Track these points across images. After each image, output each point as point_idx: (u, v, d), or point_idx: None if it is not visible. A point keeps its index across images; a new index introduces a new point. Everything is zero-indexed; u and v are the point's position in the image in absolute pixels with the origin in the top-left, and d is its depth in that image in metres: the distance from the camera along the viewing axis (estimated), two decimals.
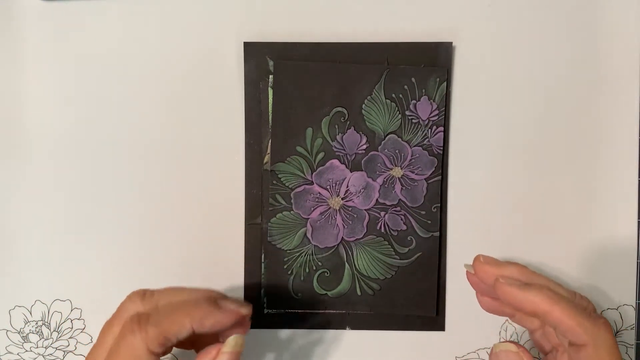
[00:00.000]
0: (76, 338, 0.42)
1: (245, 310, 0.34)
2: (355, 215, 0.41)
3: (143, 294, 0.34)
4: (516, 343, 0.35)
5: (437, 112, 0.40)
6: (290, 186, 0.41)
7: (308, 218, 0.41)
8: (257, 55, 0.40)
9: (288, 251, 0.41)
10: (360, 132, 0.40)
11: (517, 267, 0.36)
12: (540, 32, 0.41)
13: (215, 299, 0.34)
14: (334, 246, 0.41)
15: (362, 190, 0.41)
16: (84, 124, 0.41)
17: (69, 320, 0.41)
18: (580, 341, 0.32)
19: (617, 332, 0.41)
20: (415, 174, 0.40)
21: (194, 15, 0.41)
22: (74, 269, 0.41)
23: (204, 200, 0.41)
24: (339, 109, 0.40)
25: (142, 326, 0.32)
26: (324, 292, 0.41)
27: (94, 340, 0.41)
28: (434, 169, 0.40)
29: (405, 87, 0.40)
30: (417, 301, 0.41)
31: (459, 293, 0.41)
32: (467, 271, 0.38)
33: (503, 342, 0.35)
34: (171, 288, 0.35)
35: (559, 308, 0.32)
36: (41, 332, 0.41)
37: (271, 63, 0.40)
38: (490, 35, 0.41)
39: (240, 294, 0.41)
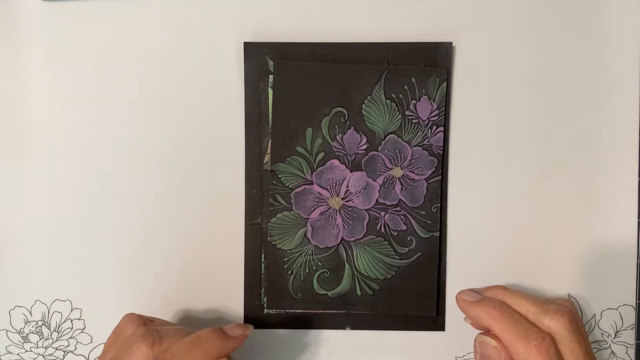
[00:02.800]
0: (76, 338, 0.42)
1: (249, 331, 0.37)
2: (355, 215, 0.41)
3: (152, 343, 0.33)
4: (499, 339, 0.35)
5: (437, 112, 0.40)
6: (290, 186, 0.41)
7: (308, 218, 0.41)
8: (257, 55, 0.40)
9: (288, 251, 0.41)
10: (360, 132, 0.40)
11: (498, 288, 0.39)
12: (540, 32, 0.41)
13: (220, 328, 0.36)
14: (334, 246, 0.41)
15: (362, 190, 0.41)
16: (83, 124, 0.41)
17: (69, 320, 0.41)
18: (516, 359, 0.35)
19: (617, 332, 0.41)
20: (415, 174, 0.40)
21: (194, 16, 0.41)
22: (74, 269, 0.41)
23: (204, 200, 0.41)
24: (339, 109, 0.40)
25: None
26: (324, 292, 0.41)
27: (94, 340, 0.41)
28: (434, 169, 0.40)
29: (405, 87, 0.40)
30: (417, 301, 0.41)
31: None
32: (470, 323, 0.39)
33: (487, 335, 0.36)
34: (173, 329, 0.36)
35: (499, 327, 0.35)
36: (41, 332, 0.41)
37: (271, 63, 0.40)
38: (490, 35, 0.41)
39: (240, 294, 0.41)
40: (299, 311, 0.41)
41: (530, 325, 0.35)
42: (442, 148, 0.40)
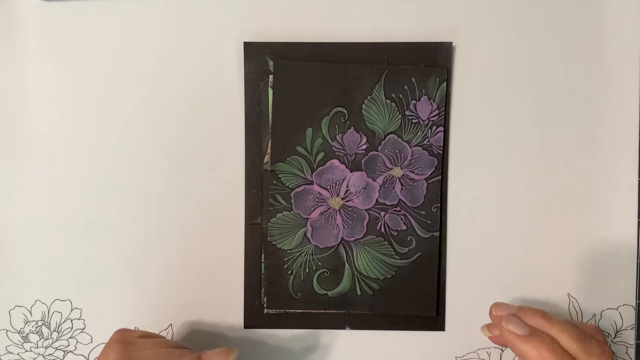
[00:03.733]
0: (76, 338, 0.42)
1: (232, 355, 0.35)
2: (355, 215, 0.41)
3: None
4: None
5: (437, 112, 0.40)
6: (290, 186, 0.41)
7: (308, 218, 0.41)
8: (257, 55, 0.40)
9: (288, 251, 0.41)
10: (360, 132, 0.40)
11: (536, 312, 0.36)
12: (539, 32, 0.41)
13: (199, 357, 0.35)
14: (334, 246, 0.41)
15: (362, 190, 0.41)
16: (83, 124, 0.41)
17: (69, 320, 0.41)
18: None
19: (617, 332, 0.41)
20: (415, 174, 0.40)
21: (194, 16, 0.41)
22: (74, 269, 0.41)
23: (204, 200, 0.41)
24: (339, 109, 0.40)
25: None
26: (324, 292, 0.41)
27: (94, 340, 0.41)
28: (434, 169, 0.40)
29: (405, 87, 0.40)
30: (417, 301, 0.41)
31: (459, 293, 0.41)
32: (487, 336, 0.38)
33: None
34: (153, 354, 0.35)
35: None
36: (41, 332, 0.41)
37: (271, 63, 0.40)
38: (490, 35, 0.41)
39: (240, 294, 0.41)
40: (299, 311, 0.41)
41: None
42: (442, 148, 0.40)
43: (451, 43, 0.40)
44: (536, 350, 0.34)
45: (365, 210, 0.41)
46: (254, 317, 0.41)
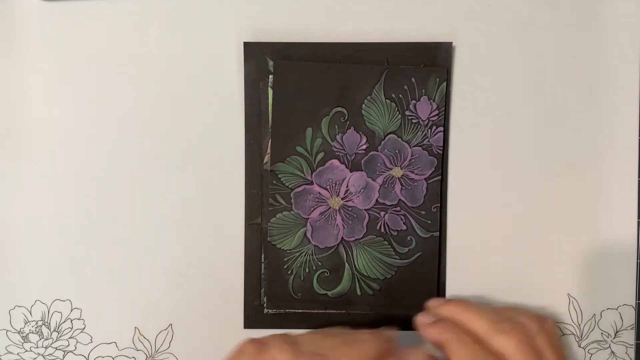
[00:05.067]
0: (76, 338, 0.42)
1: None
2: (355, 215, 0.41)
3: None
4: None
5: (437, 112, 0.40)
6: (290, 186, 0.41)
7: (308, 218, 0.41)
8: (257, 55, 0.40)
9: (288, 251, 0.41)
10: (360, 132, 0.40)
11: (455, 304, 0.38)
12: (540, 33, 0.41)
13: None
14: (334, 246, 0.41)
15: (362, 190, 0.41)
16: (84, 124, 0.41)
17: (69, 320, 0.41)
18: None
19: (617, 332, 0.41)
20: (415, 174, 0.41)
21: (194, 15, 0.41)
22: (74, 269, 0.41)
23: (204, 200, 0.41)
24: (339, 109, 0.40)
25: None
26: (324, 292, 0.41)
27: (94, 340, 0.41)
28: (434, 169, 0.40)
29: (405, 87, 0.40)
30: (417, 301, 0.41)
31: (459, 293, 0.41)
32: None
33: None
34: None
35: (449, 349, 0.35)
36: (41, 332, 0.41)
37: (271, 63, 0.40)
38: (490, 35, 0.41)
39: (240, 294, 0.41)
40: (299, 311, 0.41)
41: (478, 347, 0.35)
42: (441, 148, 0.40)
43: (451, 43, 0.40)
44: (438, 333, 0.36)
45: (365, 210, 0.41)
46: (254, 317, 0.41)
